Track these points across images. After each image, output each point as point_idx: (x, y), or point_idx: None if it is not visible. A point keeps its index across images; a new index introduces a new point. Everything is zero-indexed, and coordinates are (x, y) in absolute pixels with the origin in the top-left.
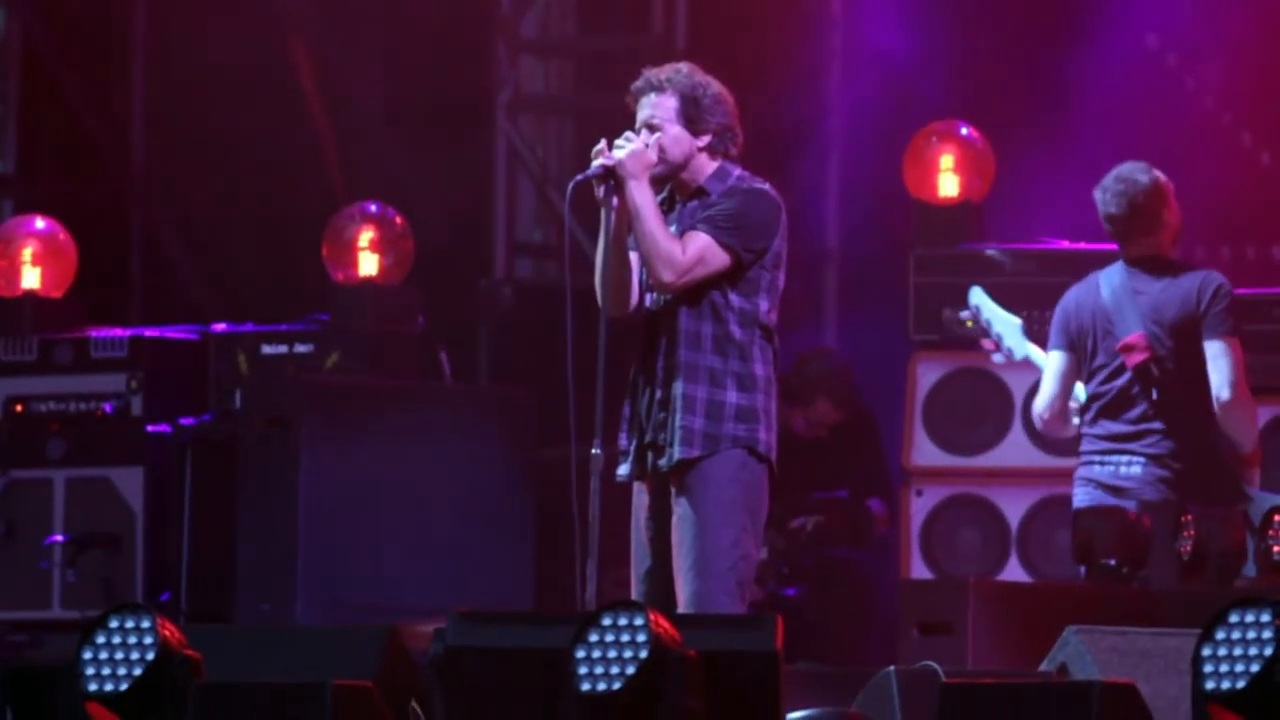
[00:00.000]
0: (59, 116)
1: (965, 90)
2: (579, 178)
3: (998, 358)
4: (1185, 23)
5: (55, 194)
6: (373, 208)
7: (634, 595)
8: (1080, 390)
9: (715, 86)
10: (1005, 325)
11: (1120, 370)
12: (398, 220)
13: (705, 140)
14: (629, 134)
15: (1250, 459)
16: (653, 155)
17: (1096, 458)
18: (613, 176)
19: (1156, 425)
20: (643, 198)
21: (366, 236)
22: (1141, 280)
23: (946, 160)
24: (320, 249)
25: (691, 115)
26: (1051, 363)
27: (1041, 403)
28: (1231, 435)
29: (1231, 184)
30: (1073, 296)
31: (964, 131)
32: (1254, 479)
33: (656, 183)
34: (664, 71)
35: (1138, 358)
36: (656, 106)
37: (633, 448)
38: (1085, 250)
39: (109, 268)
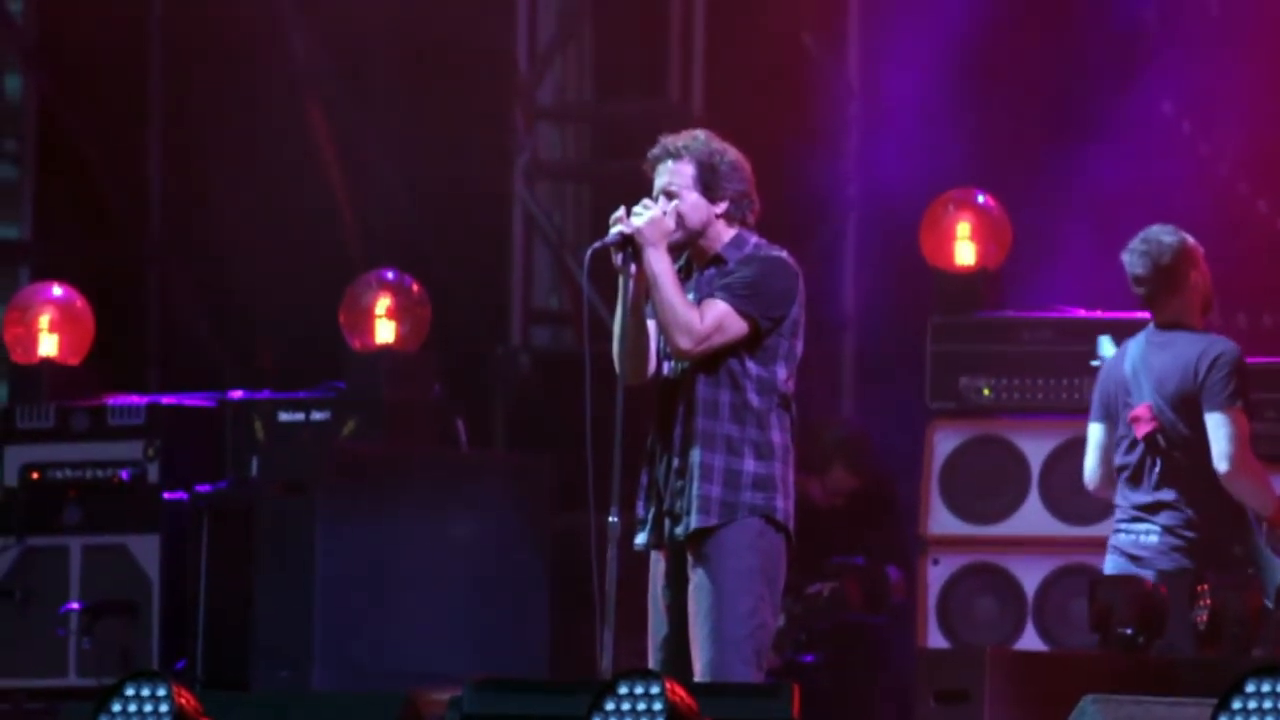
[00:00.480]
0: (76, 181)
1: (981, 158)
2: (597, 245)
3: None
4: (1201, 90)
5: (72, 259)
6: (390, 275)
7: (651, 663)
8: None
9: (732, 153)
10: None
11: (1138, 441)
12: (414, 288)
13: (722, 207)
14: (647, 201)
15: (1276, 519)
16: (670, 223)
17: (1123, 525)
18: (631, 244)
19: (1169, 496)
20: (660, 265)
21: (383, 304)
22: (1155, 349)
23: (963, 228)
24: (337, 316)
25: (709, 182)
26: (1091, 434)
27: (1087, 473)
28: (1245, 504)
29: (1247, 251)
30: (1106, 366)
31: (980, 199)
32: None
33: (674, 250)
34: (681, 139)
35: (1144, 429)
36: (674, 174)
37: (650, 516)
38: (1102, 318)
39: (126, 334)
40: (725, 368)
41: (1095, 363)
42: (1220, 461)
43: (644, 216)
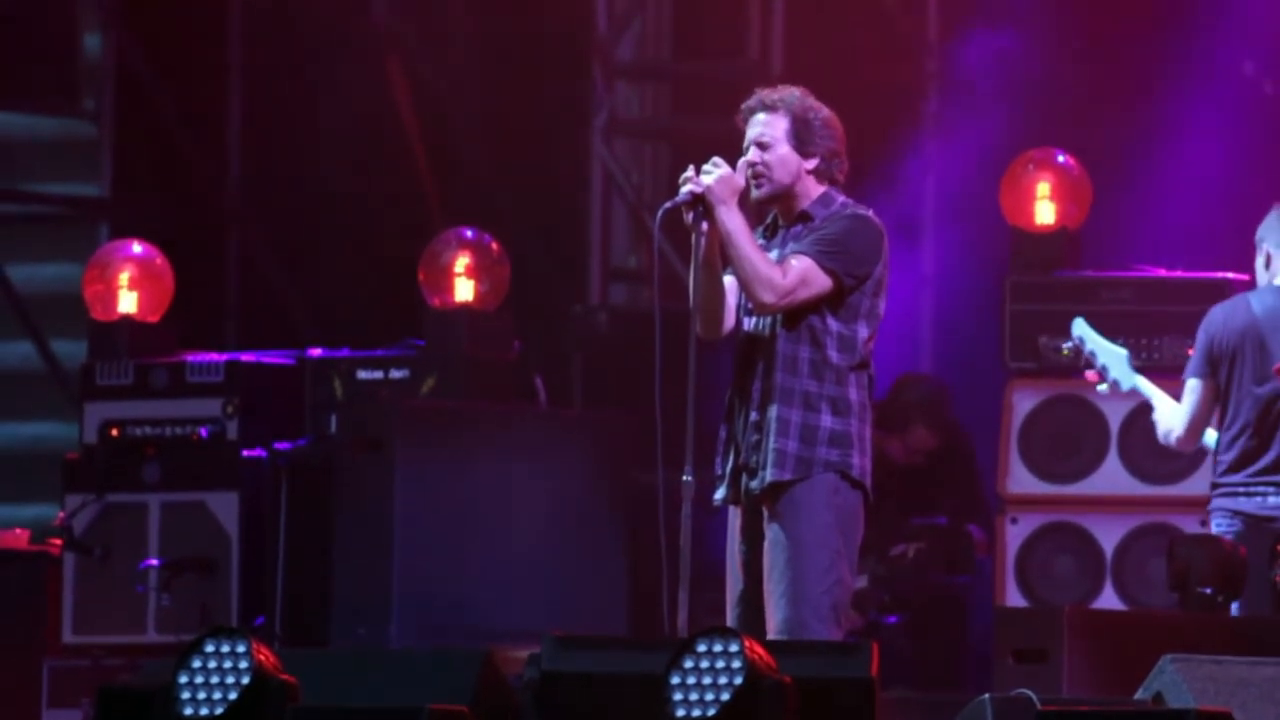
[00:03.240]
0: (155, 139)
1: (1062, 117)
2: (668, 205)
3: (1103, 389)
4: None
5: (151, 217)
6: (469, 233)
7: (728, 619)
8: (1210, 436)
9: (826, 111)
10: (1111, 356)
11: (1273, 397)
12: (494, 246)
13: (813, 163)
14: (716, 159)
15: None
16: (740, 180)
17: (1241, 488)
18: (701, 203)
19: None
20: (733, 222)
21: (462, 262)
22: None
23: (1043, 188)
24: (417, 274)
25: (802, 137)
26: (1190, 389)
27: (1180, 424)
28: None
29: None
30: (1218, 317)
31: (1061, 159)
32: None
33: (762, 205)
34: (777, 92)
35: None
36: (767, 125)
37: (728, 471)
38: (1181, 278)
39: (205, 292)
40: (806, 324)
41: (1067, 345)
42: None
43: (714, 175)
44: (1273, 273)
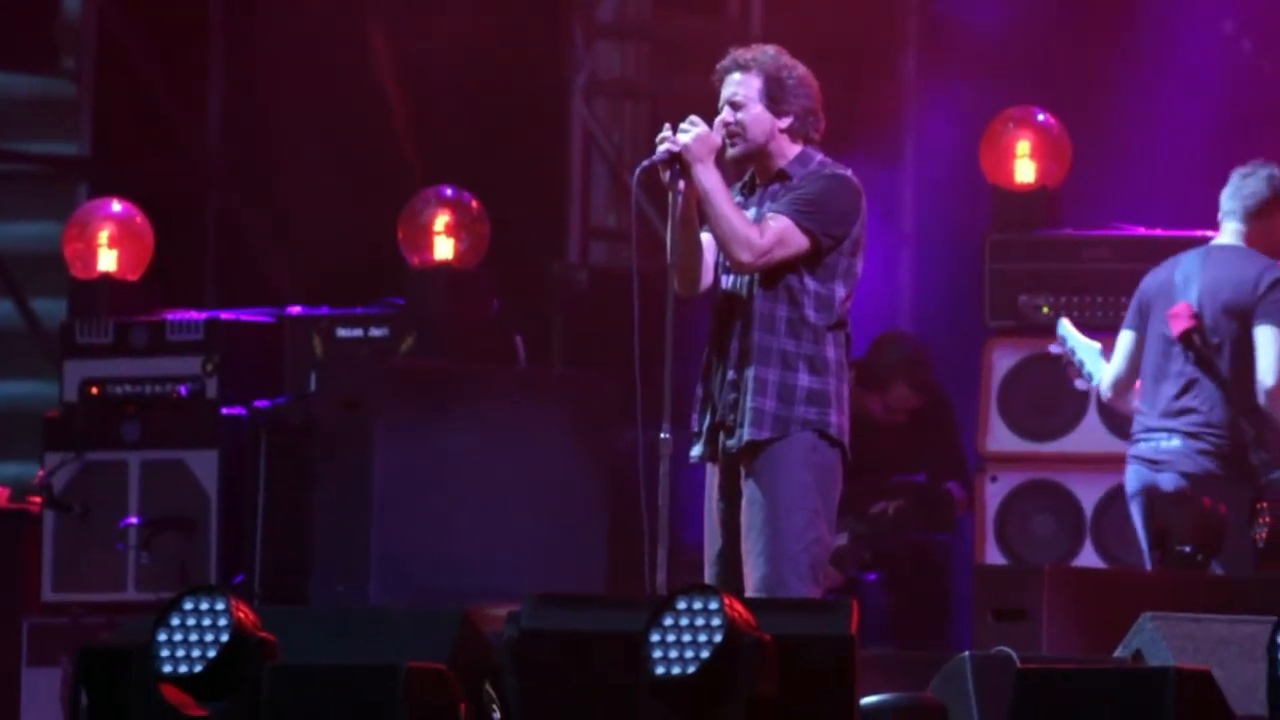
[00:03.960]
0: (135, 99)
1: (1042, 76)
2: (645, 164)
3: (1080, 384)
4: (1262, 9)
5: (131, 176)
6: (448, 192)
7: (706, 576)
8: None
9: (800, 70)
10: (1088, 353)
11: (1170, 344)
12: (473, 204)
13: (787, 122)
14: (693, 118)
15: None
16: (717, 139)
17: (1143, 435)
18: (678, 161)
19: (1194, 400)
20: (710, 181)
21: (442, 220)
22: (1214, 262)
23: (1023, 146)
24: (396, 232)
25: (775, 96)
26: (1121, 341)
27: (1107, 379)
28: (1277, 421)
29: None
30: (1150, 276)
31: (1041, 118)
32: None
33: (737, 164)
34: (750, 52)
35: (1181, 325)
36: (740, 85)
37: (704, 428)
38: (1161, 236)
39: (185, 250)
40: (784, 283)
41: (1054, 348)
42: (1267, 375)
43: (690, 133)
44: (1219, 234)
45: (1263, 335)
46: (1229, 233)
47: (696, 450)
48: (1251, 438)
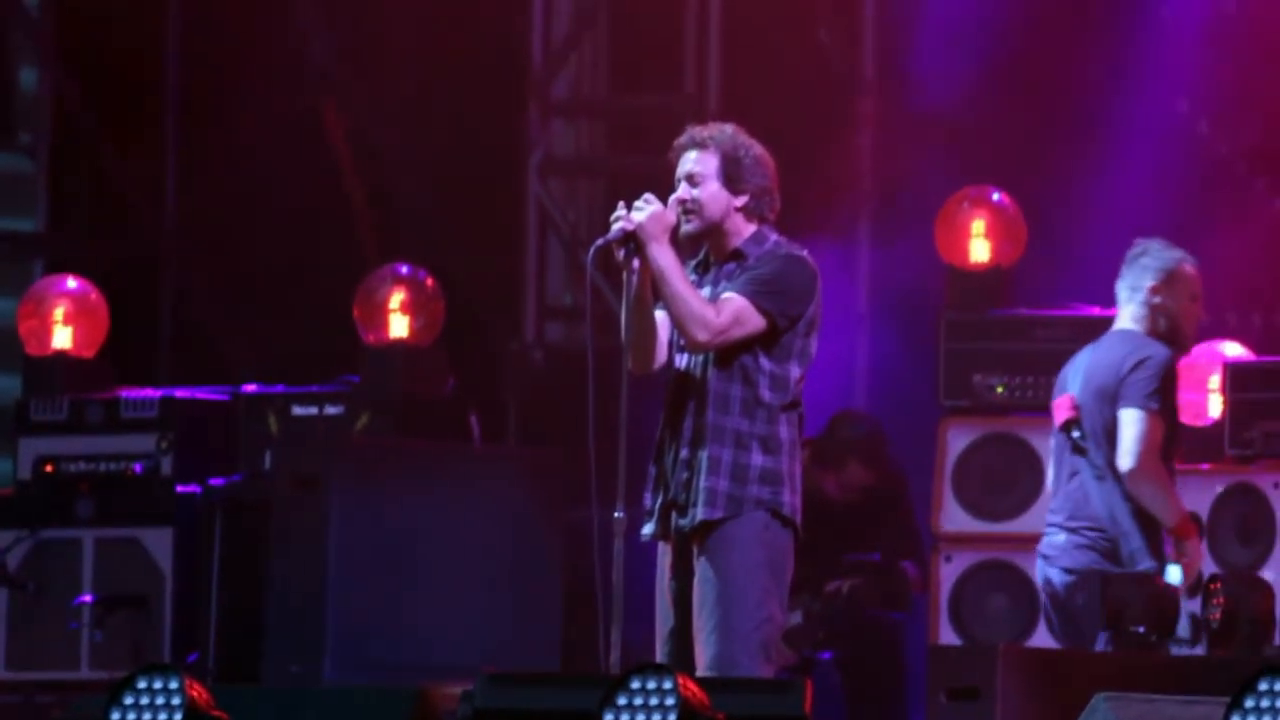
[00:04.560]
0: (91, 175)
1: (997, 155)
2: (599, 242)
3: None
4: (1216, 88)
5: (87, 253)
6: (404, 269)
7: (659, 655)
8: None
9: (757, 149)
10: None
11: (1062, 437)
12: (428, 282)
13: (743, 200)
14: (648, 196)
15: (1181, 530)
16: (672, 216)
17: (1045, 528)
18: (633, 240)
19: (1075, 493)
20: (665, 260)
21: (397, 298)
22: (1095, 349)
23: (978, 225)
24: (351, 310)
25: (732, 174)
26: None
27: (1048, 480)
28: (1144, 507)
29: (1263, 250)
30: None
31: (996, 197)
32: (1190, 550)
33: (691, 241)
34: (708, 129)
35: (1061, 416)
36: (697, 163)
37: (656, 507)
38: (1115, 317)
39: (140, 328)
40: (739, 363)
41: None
42: (1124, 458)
43: (644, 211)
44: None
45: (1124, 417)
46: (1120, 317)
47: (648, 529)
48: (1127, 528)
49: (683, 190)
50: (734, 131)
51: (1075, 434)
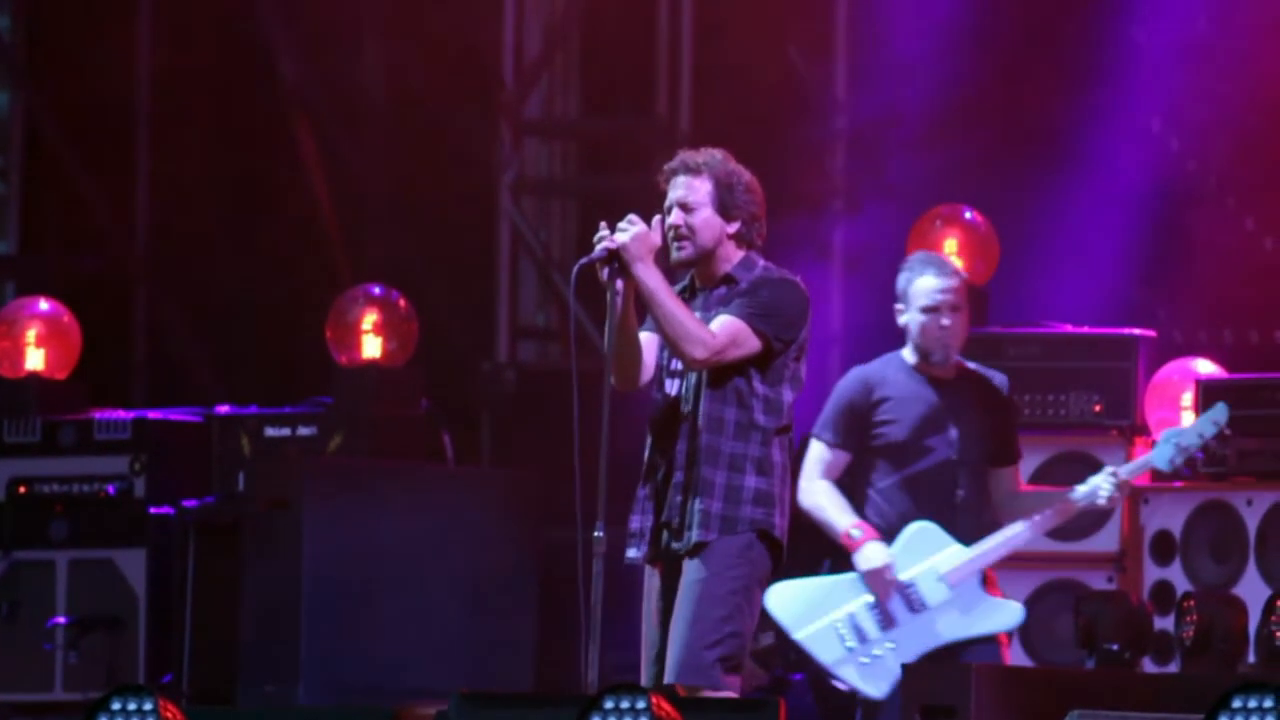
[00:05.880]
0: (62, 197)
1: (969, 174)
2: (583, 261)
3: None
4: (1188, 107)
5: (58, 275)
6: (376, 290)
7: (644, 676)
8: None
9: (748, 176)
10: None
11: None
12: (401, 303)
13: (734, 227)
14: (632, 216)
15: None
16: (657, 238)
17: None
18: (616, 259)
19: None
20: (654, 280)
21: (370, 319)
22: None
23: (950, 244)
24: (324, 331)
25: (724, 201)
26: None
27: None
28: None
29: (1235, 268)
30: None
31: (968, 215)
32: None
33: (682, 267)
34: (700, 155)
35: None
36: (690, 188)
37: (647, 530)
38: (1088, 334)
39: (112, 350)
40: (733, 386)
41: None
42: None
43: (629, 232)
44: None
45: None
46: None
47: (634, 551)
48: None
49: (676, 216)
50: (724, 158)
51: None
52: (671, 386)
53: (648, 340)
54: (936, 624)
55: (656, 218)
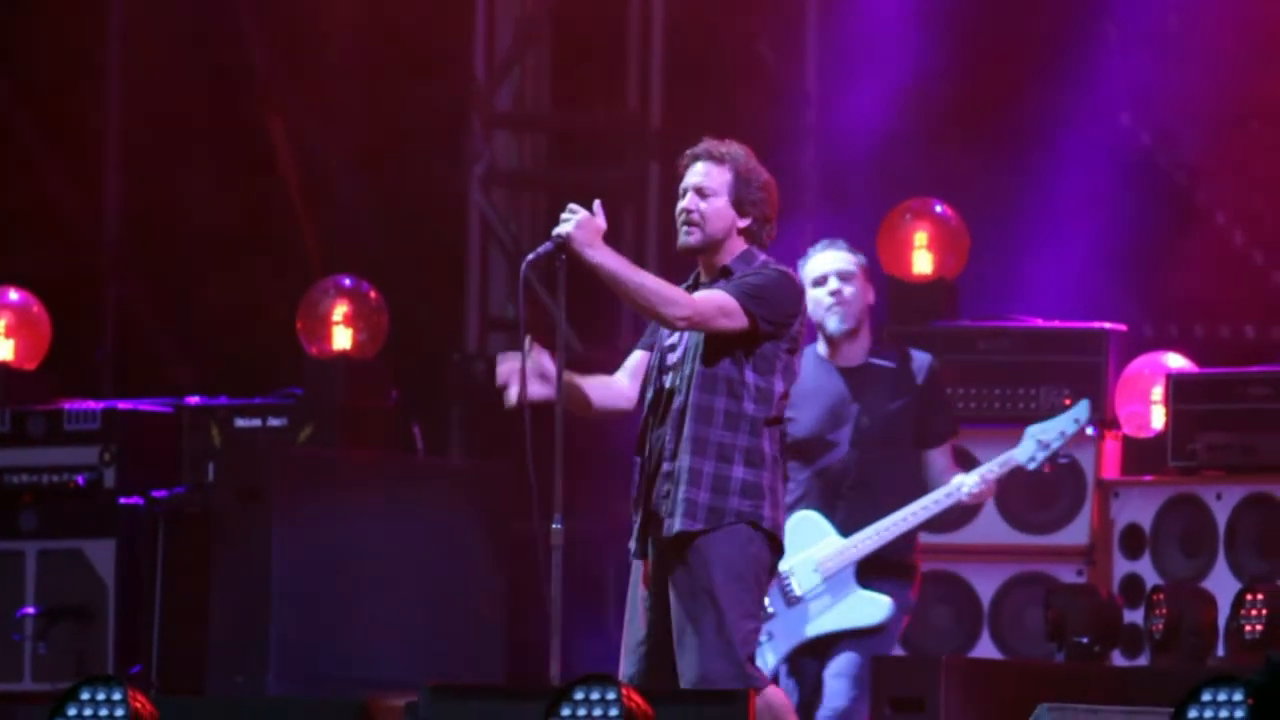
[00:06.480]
0: (31, 187)
1: (940, 167)
2: (530, 257)
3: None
4: (1158, 101)
5: (27, 264)
6: (347, 282)
7: (624, 665)
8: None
9: (766, 176)
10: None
11: None
12: (371, 294)
13: (746, 223)
14: (572, 206)
15: None
16: (601, 221)
17: None
18: (565, 250)
19: None
20: (609, 260)
21: (340, 310)
22: None
23: (920, 238)
24: (294, 323)
25: (741, 195)
26: None
27: None
28: None
29: (1205, 263)
30: None
31: (938, 209)
32: None
33: (688, 254)
34: (724, 145)
35: None
36: (708, 175)
37: (637, 520)
38: (1058, 328)
39: (82, 340)
40: (723, 376)
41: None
42: None
43: (572, 220)
44: None
45: None
46: None
47: (631, 544)
48: None
49: (689, 200)
50: (747, 154)
51: None
52: (664, 380)
53: (634, 366)
54: (807, 616)
55: (597, 202)
